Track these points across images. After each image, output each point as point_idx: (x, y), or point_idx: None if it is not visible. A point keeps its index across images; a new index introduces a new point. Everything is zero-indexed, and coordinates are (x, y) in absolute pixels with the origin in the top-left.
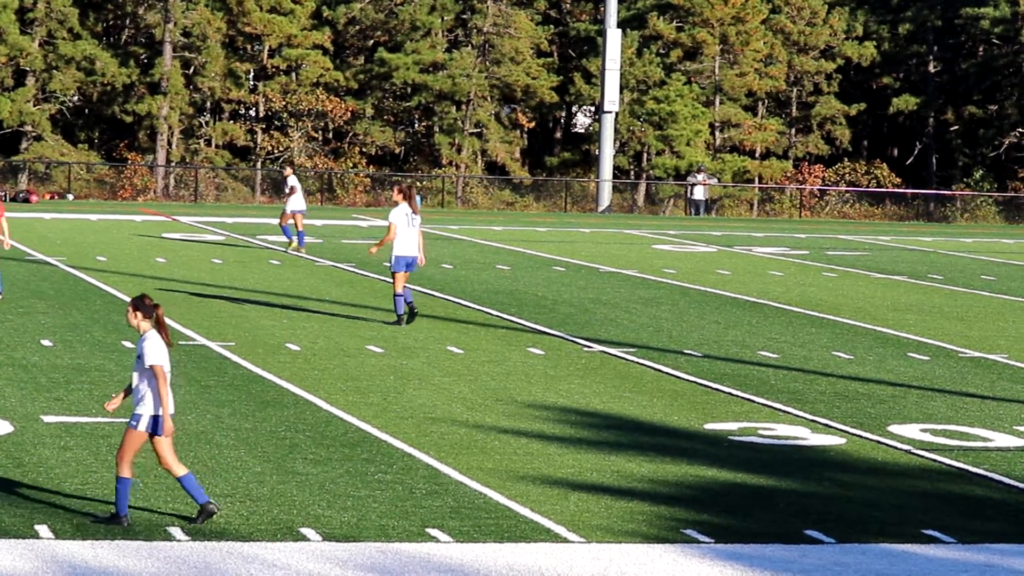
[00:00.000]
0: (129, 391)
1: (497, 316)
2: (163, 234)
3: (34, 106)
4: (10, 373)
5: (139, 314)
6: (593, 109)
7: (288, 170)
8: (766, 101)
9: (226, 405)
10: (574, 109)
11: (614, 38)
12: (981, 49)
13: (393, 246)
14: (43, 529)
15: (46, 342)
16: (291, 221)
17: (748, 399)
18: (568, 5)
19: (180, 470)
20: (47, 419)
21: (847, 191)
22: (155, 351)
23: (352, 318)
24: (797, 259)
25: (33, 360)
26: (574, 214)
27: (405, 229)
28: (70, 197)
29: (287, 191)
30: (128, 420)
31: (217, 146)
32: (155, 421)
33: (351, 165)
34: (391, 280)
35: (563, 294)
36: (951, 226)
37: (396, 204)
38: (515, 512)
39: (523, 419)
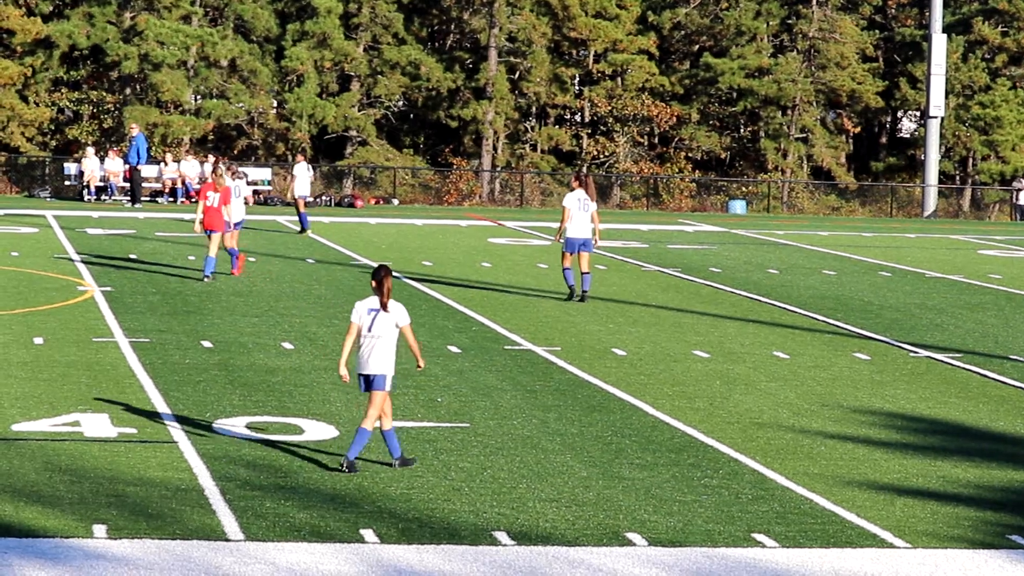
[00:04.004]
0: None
1: (823, 321)
2: (489, 239)
3: (359, 111)
4: (335, 378)
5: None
6: (918, 114)
7: (300, 156)
8: None
9: (552, 409)
10: (899, 114)
11: (939, 43)
12: None
13: (566, 228)
14: (368, 533)
15: None
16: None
17: None
18: (893, 10)
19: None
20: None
21: None
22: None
23: (678, 323)
24: None
25: None
26: (899, 219)
27: (578, 213)
28: (395, 202)
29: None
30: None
31: (542, 151)
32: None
33: (677, 170)
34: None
35: (888, 299)
36: None
37: (572, 189)
38: (841, 517)
39: (849, 424)
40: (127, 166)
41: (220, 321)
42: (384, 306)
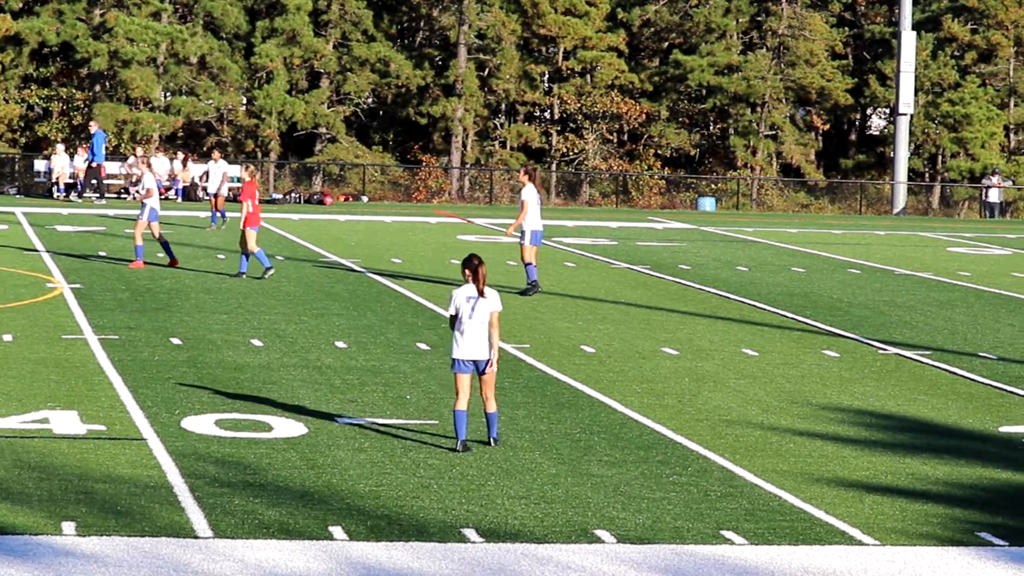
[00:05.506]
0: None
1: (792, 318)
2: (458, 236)
3: (328, 108)
4: (304, 375)
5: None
6: (888, 111)
7: (216, 154)
8: None
9: (521, 407)
10: (869, 111)
11: (909, 40)
12: None
13: (527, 222)
14: (337, 531)
15: (340, 344)
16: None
17: None
18: (863, 7)
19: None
20: (341, 420)
21: None
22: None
23: (647, 320)
24: None
25: (327, 362)
26: (869, 216)
27: (535, 207)
28: (364, 199)
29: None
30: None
31: (512, 148)
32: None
33: (646, 167)
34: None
35: (858, 296)
36: None
37: (524, 185)
38: (810, 514)
39: (818, 421)
40: (87, 163)
41: (189, 318)
42: (482, 293)
